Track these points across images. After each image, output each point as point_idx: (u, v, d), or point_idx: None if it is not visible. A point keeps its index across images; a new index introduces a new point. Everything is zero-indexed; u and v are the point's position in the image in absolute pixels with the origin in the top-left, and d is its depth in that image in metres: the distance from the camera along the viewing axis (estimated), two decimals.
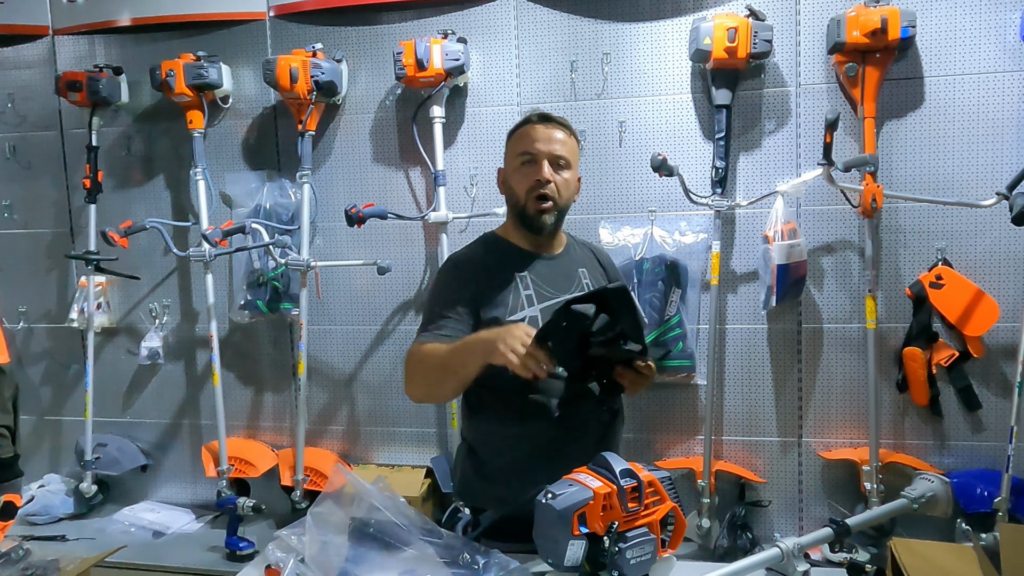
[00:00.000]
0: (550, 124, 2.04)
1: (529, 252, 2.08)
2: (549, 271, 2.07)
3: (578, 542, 1.52)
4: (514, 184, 2.05)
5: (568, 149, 2.04)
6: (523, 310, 1.98)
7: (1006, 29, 2.89)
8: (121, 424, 3.78)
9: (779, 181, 3.01)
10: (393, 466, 3.47)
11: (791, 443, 3.18)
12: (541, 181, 1.99)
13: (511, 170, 2.07)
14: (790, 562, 1.74)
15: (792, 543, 1.75)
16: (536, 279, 2.04)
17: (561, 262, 2.11)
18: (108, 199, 3.62)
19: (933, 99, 2.98)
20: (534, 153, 2.01)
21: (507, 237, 2.12)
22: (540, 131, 2.02)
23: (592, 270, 2.16)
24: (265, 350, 3.62)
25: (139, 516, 3.59)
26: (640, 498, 1.61)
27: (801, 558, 1.77)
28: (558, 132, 2.03)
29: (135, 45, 3.58)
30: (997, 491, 2.79)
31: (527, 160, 2.02)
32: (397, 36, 3.30)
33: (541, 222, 2.02)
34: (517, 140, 2.07)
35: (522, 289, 2.01)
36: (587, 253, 2.22)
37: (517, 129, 2.09)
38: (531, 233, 2.06)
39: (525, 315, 1.98)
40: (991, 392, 2.99)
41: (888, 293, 3.05)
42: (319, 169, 3.46)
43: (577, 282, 2.09)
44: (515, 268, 2.04)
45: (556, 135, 2.03)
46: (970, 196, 2.79)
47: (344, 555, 1.60)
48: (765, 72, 3.10)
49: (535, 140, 2.01)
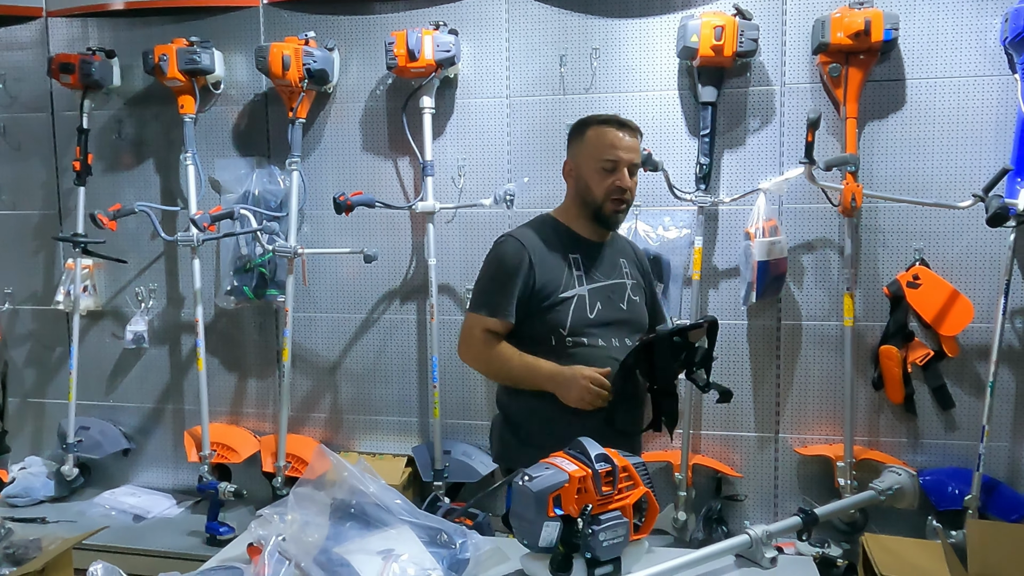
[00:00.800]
0: (628, 131, 2.18)
1: (585, 238, 2.24)
2: (599, 256, 2.24)
3: (553, 524, 1.55)
4: (593, 185, 2.17)
5: (640, 156, 2.24)
6: (574, 288, 2.15)
7: (987, 34, 2.94)
8: (104, 407, 3.80)
9: (762, 179, 3.05)
10: (375, 454, 3.49)
11: (768, 438, 3.21)
12: (623, 188, 2.15)
13: (590, 170, 2.18)
14: (758, 548, 1.77)
15: (761, 530, 1.79)
16: (587, 261, 2.20)
17: (609, 250, 2.27)
18: (97, 182, 3.63)
19: (914, 101, 3.02)
20: (617, 161, 2.14)
21: (564, 221, 2.26)
22: (622, 139, 2.16)
23: (630, 262, 2.32)
24: (250, 336, 3.64)
25: (120, 500, 3.61)
26: (614, 482, 1.63)
27: (770, 545, 1.80)
28: (635, 140, 2.20)
29: (128, 29, 3.60)
30: (968, 489, 2.84)
31: (610, 167, 2.14)
32: (389, 26, 3.33)
33: (616, 220, 2.23)
34: (598, 143, 2.18)
35: (574, 269, 2.18)
36: (628, 246, 2.40)
37: (593, 127, 2.20)
38: (599, 226, 2.23)
39: (576, 293, 2.14)
40: (964, 392, 3.04)
41: (866, 292, 3.09)
42: (308, 157, 3.49)
43: (619, 269, 2.26)
44: (570, 250, 2.20)
45: (633, 143, 2.18)
46: (948, 198, 2.83)
47: (325, 534, 1.61)
48: (751, 71, 3.14)
49: (618, 148, 2.15)
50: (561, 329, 2.13)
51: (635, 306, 2.24)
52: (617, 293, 2.21)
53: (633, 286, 2.26)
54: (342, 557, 1.52)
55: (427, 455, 3.34)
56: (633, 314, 2.23)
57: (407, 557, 1.55)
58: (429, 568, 1.55)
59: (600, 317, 2.16)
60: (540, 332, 2.14)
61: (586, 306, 2.15)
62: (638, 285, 2.29)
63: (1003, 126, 2.92)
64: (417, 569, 1.53)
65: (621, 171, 2.15)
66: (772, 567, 1.74)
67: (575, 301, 2.14)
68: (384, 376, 3.53)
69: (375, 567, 1.51)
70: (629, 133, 2.18)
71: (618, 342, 2.15)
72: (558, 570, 1.55)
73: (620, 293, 2.22)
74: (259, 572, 1.50)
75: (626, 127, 2.18)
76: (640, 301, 2.27)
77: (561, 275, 2.15)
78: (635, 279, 2.29)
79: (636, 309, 2.24)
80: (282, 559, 1.52)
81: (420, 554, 1.58)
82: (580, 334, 2.14)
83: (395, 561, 1.54)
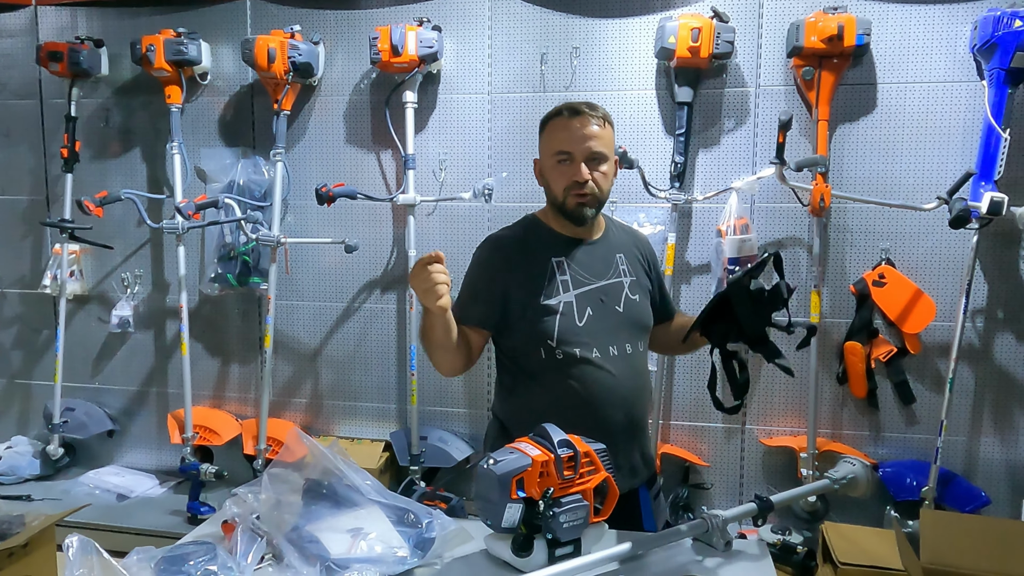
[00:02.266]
0: (583, 118, 1.96)
1: (568, 238, 2.06)
2: (587, 257, 2.05)
3: (515, 505, 1.60)
4: (552, 181, 2.02)
5: (604, 142, 1.98)
6: (559, 295, 1.98)
7: (956, 41, 3.02)
8: (89, 390, 3.86)
9: (735, 178, 3.13)
10: (353, 439, 3.57)
11: (735, 430, 3.30)
12: (579, 181, 1.96)
13: (548, 166, 2.03)
14: (714, 532, 1.84)
15: (717, 515, 1.86)
16: (573, 265, 2.03)
17: (599, 248, 2.09)
18: (84, 169, 3.68)
19: (884, 105, 3.10)
20: (570, 152, 1.96)
21: (547, 222, 2.10)
22: (575, 127, 1.96)
23: (629, 256, 2.13)
24: (233, 322, 3.70)
25: (104, 479, 3.67)
26: (576, 467, 1.69)
27: (726, 530, 1.87)
28: (593, 125, 1.96)
29: (117, 18, 3.64)
30: (926, 481, 2.94)
31: (564, 159, 1.97)
32: (374, 21, 3.38)
33: (582, 214, 2.00)
34: (552, 136, 2.01)
35: (559, 275, 2.01)
36: (626, 238, 2.18)
37: (549, 121, 2.03)
38: (571, 223, 2.05)
39: (560, 300, 1.98)
40: (925, 387, 3.13)
41: (833, 289, 3.17)
42: (293, 148, 3.54)
43: (614, 267, 2.07)
44: (553, 253, 2.03)
45: (591, 129, 1.95)
46: (915, 199, 2.90)
47: (297, 513, 1.67)
48: (727, 72, 3.20)
49: (571, 139, 1.96)
50: (549, 340, 1.97)
51: (634, 306, 2.06)
52: (611, 295, 2.03)
53: (632, 284, 2.07)
54: (312, 534, 1.59)
55: (404, 440, 3.42)
56: (632, 315, 2.05)
57: (375, 535, 1.63)
58: (396, 546, 1.62)
59: (591, 324, 1.99)
60: (528, 343, 1.99)
61: (573, 313, 1.98)
62: (638, 282, 2.10)
63: (969, 131, 3.00)
64: (384, 547, 1.61)
65: (576, 163, 1.95)
66: (727, 550, 1.81)
67: (561, 308, 1.98)
68: (363, 363, 3.59)
69: (344, 544, 1.58)
70: (584, 120, 1.95)
71: (616, 349, 2.00)
72: (520, 550, 1.61)
73: (615, 294, 2.04)
74: (232, 548, 1.56)
75: (580, 114, 1.96)
76: (641, 299, 2.08)
77: (542, 281, 1.99)
78: (634, 276, 2.10)
79: (636, 309, 2.06)
80: (254, 536, 1.59)
81: (388, 532, 1.65)
82: (570, 343, 1.97)
83: (363, 539, 1.61)
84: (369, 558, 1.57)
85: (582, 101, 2.02)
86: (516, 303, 2.00)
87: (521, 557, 1.62)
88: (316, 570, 1.52)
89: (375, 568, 1.55)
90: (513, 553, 1.62)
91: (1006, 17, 2.74)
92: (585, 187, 1.96)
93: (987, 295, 3.07)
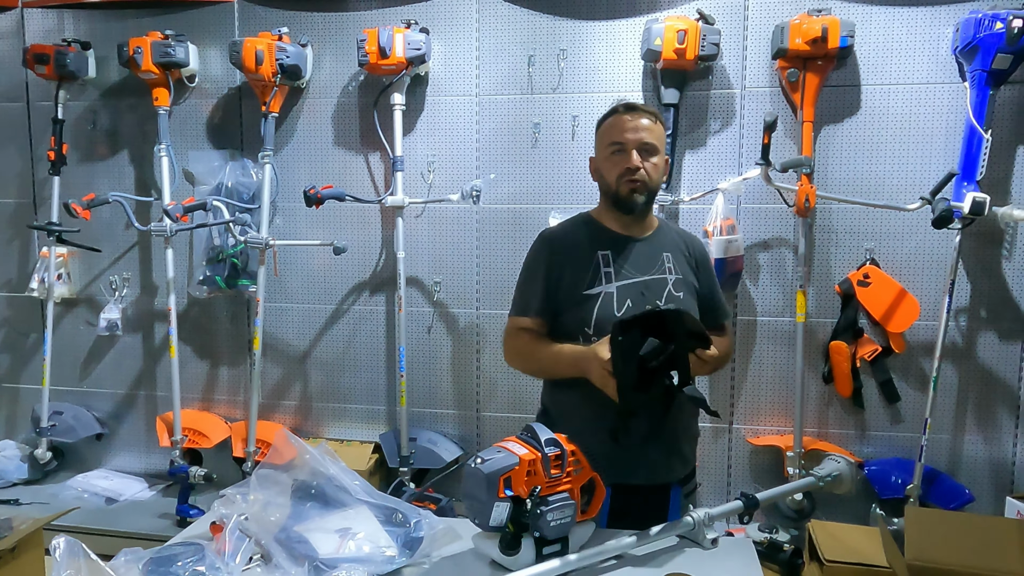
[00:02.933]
0: (636, 113, 2.09)
1: (617, 233, 2.15)
2: (634, 252, 2.13)
3: (503, 504, 1.62)
4: (605, 172, 2.13)
5: (655, 135, 2.10)
6: (600, 286, 2.07)
7: (939, 43, 3.05)
8: (78, 393, 3.85)
9: (721, 179, 3.15)
10: (343, 441, 3.57)
11: (722, 429, 3.32)
12: (631, 168, 2.07)
13: (602, 159, 2.14)
14: (700, 530, 1.86)
15: (703, 513, 1.88)
16: (618, 258, 2.11)
17: (647, 244, 2.16)
18: (72, 172, 3.68)
19: (868, 106, 3.13)
20: (623, 142, 2.07)
21: (599, 219, 2.19)
22: (627, 121, 2.08)
23: (678, 257, 2.17)
24: (222, 325, 3.70)
25: (92, 483, 3.66)
26: (563, 466, 1.71)
27: (712, 527, 1.89)
28: (644, 119, 2.09)
29: (104, 21, 3.63)
30: (911, 479, 2.97)
31: (617, 150, 2.09)
32: (362, 24, 3.39)
33: (633, 201, 2.10)
34: (606, 131, 2.13)
35: (602, 266, 2.09)
36: (678, 240, 2.23)
37: (605, 120, 2.15)
38: (623, 214, 2.13)
39: (601, 290, 2.07)
40: (909, 386, 3.16)
41: (818, 289, 3.20)
42: (281, 150, 3.54)
43: (660, 264, 2.13)
44: (599, 247, 2.12)
45: (643, 123, 2.08)
46: (898, 200, 2.94)
47: (286, 513, 1.68)
48: (713, 74, 3.23)
49: (624, 130, 2.08)
50: (586, 328, 2.06)
51: (678, 302, 2.09)
52: (653, 290, 2.09)
53: (677, 281, 2.12)
54: (301, 534, 1.61)
55: (394, 442, 3.42)
56: None
57: (363, 535, 1.64)
58: (384, 546, 1.63)
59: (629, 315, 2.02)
60: (568, 331, 2.08)
61: (613, 304, 2.06)
62: (683, 281, 2.14)
63: (952, 132, 3.03)
64: (373, 546, 1.62)
65: (629, 152, 2.07)
66: (713, 547, 1.83)
67: (601, 298, 2.06)
68: (353, 365, 3.60)
69: (332, 544, 1.60)
70: (637, 115, 2.09)
71: None
72: (507, 548, 1.62)
73: (657, 289, 2.09)
74: (220, 548, 1.57)
75: (633, 110, 2.10)
76: (686, 296, 2.12)
77: (587, 272, 2.09)
78: (680, 274, 2.14)
79: (679, 305, 2.09)
80: (243, 536, 1.59)
81: (376, 532, 1.66)
82: (606, 332, 1.97)
83: (351, 539, 1.62)
84: (357, 558, 1.58)
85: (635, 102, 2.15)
86: (563, 292, 2.10)
87: (509, 555, 1.64)
88: (304, 570, 1.53)
89: (363, 568, 1.56)
90: (501, 551, 1.64)
91: (987, 19, 2.78)
92: (636, 174, 2.07)
93: (970, 294, 3.11)
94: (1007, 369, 3.11)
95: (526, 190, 3.37)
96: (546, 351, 2.09)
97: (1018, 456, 3.13)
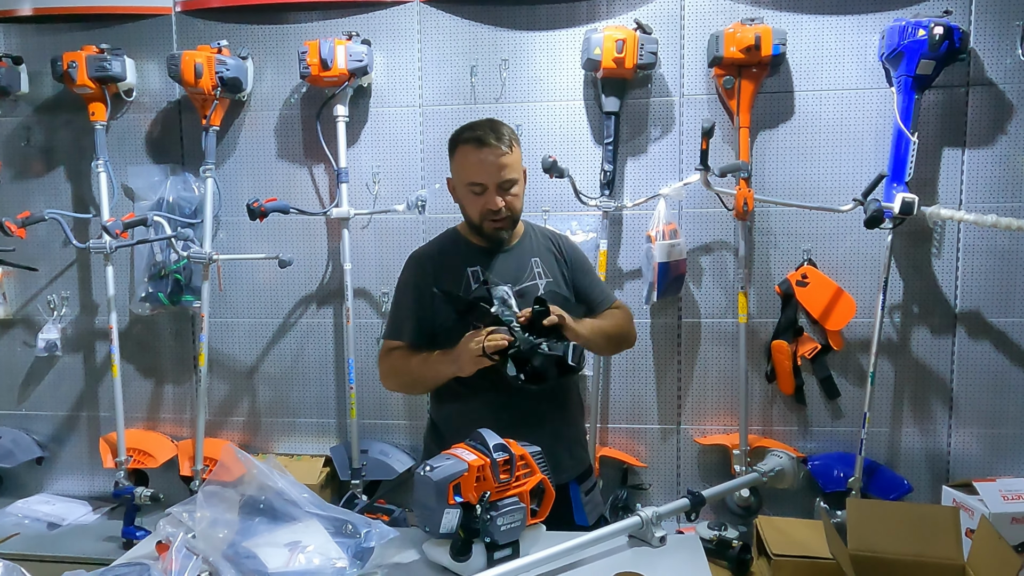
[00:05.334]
0: (490, 148, 2.03)
1: (484, 248, 2.18)
2: (502, 264, 2.16)
3: (453, 511, 1.63)
4: (467, 206, 2.13)
5: (513, 168, 2.07)
6: None
7: (867, 50, 3.16)
8: (16, 416, 3.74)
9: (662, 185, 3.20)
10: (293, 455, 3.54)
11: (671, 430, 3.38)
12: (493, 210, 2.07)
13: (462, 193, 2.13)
14: (648, 529, 1.89)
15: (651, 512, 1.91)
16: (488, 271, 2.14)
17: (514, 255, 2.19)
18: (6, 189, 3.59)
19: (802, 112, 3.22)
20: (483, 184, 2.06)
21: (465, 235, 2.22)
22: (485, 158, 2.03)
23: (546, 259, 2.21)
24: (166, 342, 3.63)
25: (33, 508, 3.55)
26: (512, 470, 1.73)
27: (660, 526, 1.92)
28: (502, 154, 2.04)
29: (36, 35, 3.55)
30: (852, 472, 3.05)
31: (478, 191, 2.07)
32: (303, 36, 3.37)
33: (499, 238, 2.14)
34: (463, 164, 2.09)
35: (472, 282, 2.12)
36: (542, 242, 2.25)
37: (459, 145, 2.11)
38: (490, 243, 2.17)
39: None
40: (848, 382, 3.26)
41: (759, 290, 3.28)
42: (223, 164, 3.50)
43: (529, 271, 2.17)
44: (468, 263, 2.15)
45: (501, 159, 2.04)
46: (833, 202, 3.03)
47: (234, 529, 1.66)
48: (651, 82, 3.29)
49: (481, 170, 2.05)
50: None
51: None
52: (527, 298, 2.07)
53: (548, 284, 2.16)
54: (249, 550, 1.59)
55: (344, 455, 3.40)
56: None
57: (313, 548, 1.63)
58: (335, 557, 1.62)
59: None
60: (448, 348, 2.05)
61: None
62: (554, 283, 2.18)
63: (881, 135, 3.13)
64: (323, 559, 1.61)
65: (490, 193, 2.06)
66: (661, 545, 1.86)
67: None
68: (301, 379, 3.57)
69: (282, 558, 1.58)
70: (495, 150, 2.03)
71: None
72: (458, 555, 1.63)
73: (529, 297, 2.07)
74: (167, 568, 1.54)
75: (488, 145, 2.03)
76: (560, 300, 2.13)
77: (459, 289, 2.11)
78: (551, 277, 2.18)
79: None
80: (190, 554, 1.57)
81: (326, 544, 1.65)
82: None
83: (301, 552, 1.61)
84: (308, 571, 1.57)
85: (486, 122, 2.11)
86: (440, 313, 2.11)
87: (460, 561, 1.64)
88: None
89: None
90: (452, 558, 1.65)
91: (910, 27, 2.89)
92: (499, 213, 2.09)
93: (903, 291, 3.21)
94: (940, 363, 3.23)
95: None
96: (414, 359, 2.11)
97: (953, 446, 3.24)
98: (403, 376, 2.18)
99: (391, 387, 2.26)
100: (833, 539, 2.18)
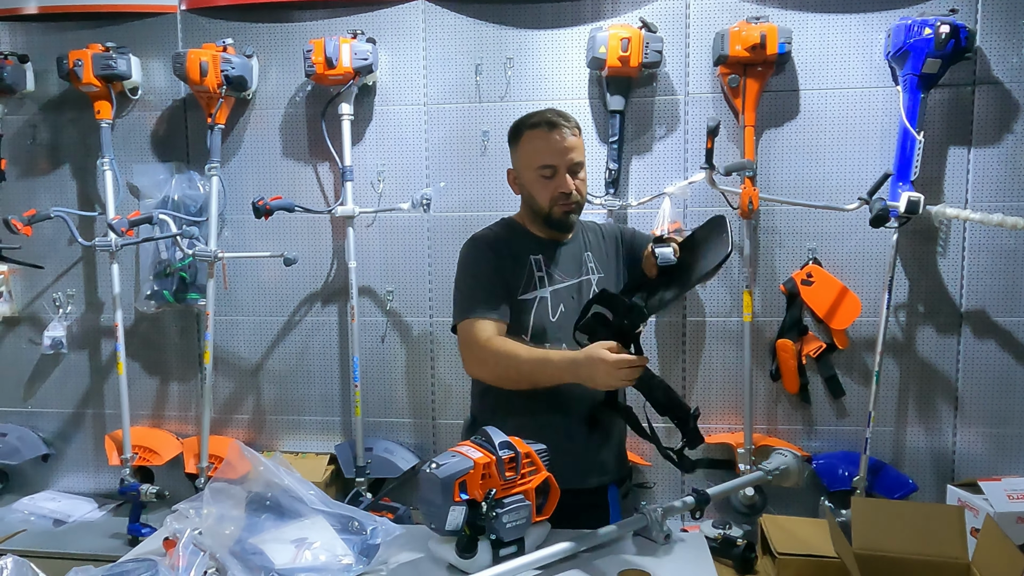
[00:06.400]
0: (561, 130, 2.07)
1: (544, 238, 2.19)
2: (562, 256, 2.17)
3: (459, 508, 1.64)
4: (535, 193, 2.12)
5: (580, 151, 2.12)
6: (535, 291, 2.11)
7: (872, 48, 3.15)
8: (23, 414, 3.75)
9: (667, 183, 3.20)
10: (298, 453, 3.54)
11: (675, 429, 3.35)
12: (566, 192, 2.08)
13: (530, 179, 2.12)
14: (654, 526, 1.90)
15: (657, 509, 1.92)
16: (549, 263, 2.15)
17: (571, 248, 2.21)
18: (12, 187, 3.60)
19: (807, 110, 3.21)
20: (555, 166, 2.07)
21: (524, 224, 2.22)
22: (556, 141, 2.06)
23: (597, 253, 2.24)
24: (171, 340, 3.64)
25: (39, 505, 3.56)
26: (517, 468, 1.74)
27: (664, 523, 1.93)
28: (571, 137, 2.08)
29: (42, 34, 3.56)
30: (857, 471, 3.05)
31: (548, 174, 2.08)
32: (308, 34, 3.38)
33: (568, 222, 2.15)
34: (532, 149, 2.10)
35: (535, 271, 2.12)
36: (593, 237, 2.28)
37: (525, 131, 2.12)
38: (555, 231, 2.17)
39: (536, 295, 2.10)
40: (853, 381, 3.25)
41: (764, 289, 3.27)
42: (228, 162, 3.51)
43: (584, 266, 2.20)
44: (530, 251, 2.15)
45: (570, 141, 2.08)
46: (838, 201, 3.01)
47: (241, 526, 1.67)
48: (657, 81, 3.28)
49: (553, 151, 2.07)
50: (523, 334, 2.07)
51: None
52: (582, 292, 2.14)
53: (601, 280, 2.19)
54: (256, 546, 1.60)
55: (349, 452, 3.40)
56: None
57: (319, 544, 1.64)
58: (341, 554, 1.63)
59: (563, 320, 2.08)
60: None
61: (548, 309, 2.10)
62: (607, 278, 2.21)
63: (887, 134, 3.12)
64: (329, 555, 1.62)
65: (561, 175, 2.07)
66: (666, 543, 1.88)
67: (536, 304, 2.09)
68: (306, 377, 3.57)
69: (288, 554, 1.60)
70: (563, 132, 2.07)
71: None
72: (464, 552, 1.64)
73: (585, 292, 2.15)
74: (174, 564, 1.56)
75: (558, 127, 2.07)
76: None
77: (522, 276, 2.10)
78: (604, 272, 2.21)
79: None
80: (197, 550, 1.58)
81: (332, 541, 1.66)
82: (543, 338, 2.08)
83: (308, 548, 1.62)
84: (314, 567, 1.59)
85: (552, 110, 2.14)
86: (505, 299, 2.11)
87: (465, 559, 1.65)
88: None
89: None
90: (457, 555, 1.65)
91: (916, 26, 2.88)
92: (571, 197, 2.10)
93: (908, 290, 3.20)
94: (945, 362, 3.22)
95: (476, 198, 3.38)
96: (529, 356, 1.98)
97: (958, 446, 3.23)
98: (508, 370, 2.02)
99: (482, 375, 2.14)
100: (838, 538, 2.18)
